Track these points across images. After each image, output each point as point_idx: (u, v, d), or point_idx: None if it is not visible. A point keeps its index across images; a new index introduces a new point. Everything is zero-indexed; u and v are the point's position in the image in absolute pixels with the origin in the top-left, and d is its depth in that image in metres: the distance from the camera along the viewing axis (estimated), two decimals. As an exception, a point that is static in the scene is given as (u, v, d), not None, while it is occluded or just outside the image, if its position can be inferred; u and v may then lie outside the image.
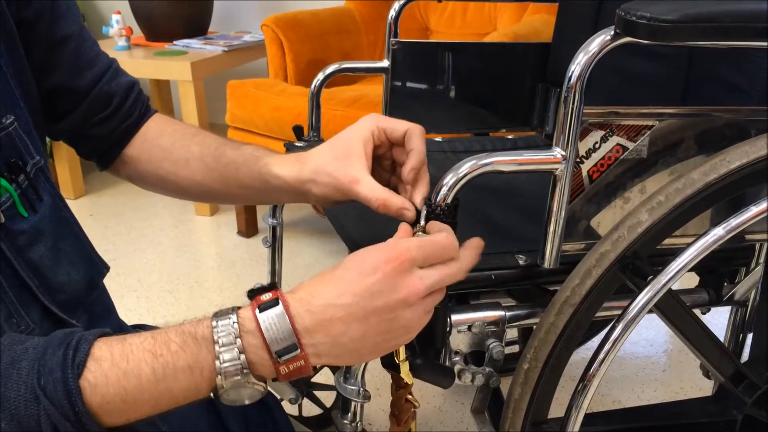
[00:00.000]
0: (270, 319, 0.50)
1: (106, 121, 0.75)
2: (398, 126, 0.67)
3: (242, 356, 0.49)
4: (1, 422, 0.46)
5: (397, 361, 0.63)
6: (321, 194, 0.68)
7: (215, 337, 0.49)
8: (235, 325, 0.50)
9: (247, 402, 0.52)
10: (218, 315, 0.51)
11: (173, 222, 2.44)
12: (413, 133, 0.66)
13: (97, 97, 0.73)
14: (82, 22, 0.73)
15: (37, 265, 0.62)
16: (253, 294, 0.52)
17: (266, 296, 0.51)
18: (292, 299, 0.51)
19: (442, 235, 0.57)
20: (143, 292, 1.95)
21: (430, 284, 0.53)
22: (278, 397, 1.11)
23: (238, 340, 0.49)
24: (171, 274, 2.05)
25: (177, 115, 3.02)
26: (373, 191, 0.64)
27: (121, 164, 0.79)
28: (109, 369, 0.48)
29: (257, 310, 0.50)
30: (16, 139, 0.61)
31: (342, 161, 0.66)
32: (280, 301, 0.50)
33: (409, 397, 0.67)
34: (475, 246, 0.60)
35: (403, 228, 0.61)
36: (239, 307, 0.52)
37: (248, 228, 2.29)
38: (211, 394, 0.50)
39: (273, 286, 0.53)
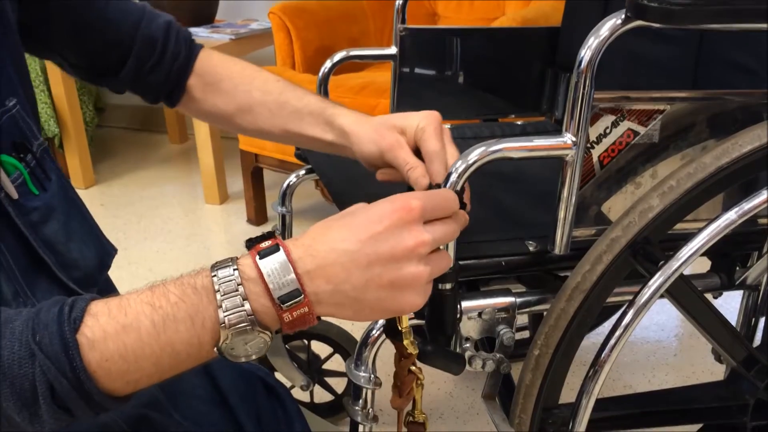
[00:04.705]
0: (271, 264, 0.47)
1: (157, 66, 0.78)
2: (410, 123, 0.72)
3: (246, 303, 0.47)
4: None
5: (401, 329, 0.62)
6: (366, 152, 0.74)
7: (216, 287, 0.47)
8: (236, 273, 0.47)
9: (253, 357, 0.49)
10: (217, 265, 0.48)
11: (183, 211, 2.44)
12: (424, 134, 0.71)
13: (142, 44, 0.77)
14: None
15: (52, 241, 0.63)
16: (251, 243, 0.50)
17: (266, 243, 0.49)
18: (293, 245, 0.49)
19: (445, 189, 0.58)
20: (150, 277, 1.96)
21: (436, 237, 0.51)
22: (289, 384, 1.12)
23: (240, 287, 0.47)
24: (181, 263, 2.06)
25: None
26: (408, 156, 0.70)
27: (187, 104, 0.83)
28: (107, 323, 0.45)
29: (257, 257, 0.48)
30: (19, 121, 0.63)
31: (394, 132, 0.73)
32: (280, 247, 0.48)
33: (413, 368, 0.63)
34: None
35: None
36: (238, 257, 0.49)
37: (258, 216, 2.29)
38: (215, 350, 0.48)
39: (271, 234, 0.51)
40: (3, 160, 0.59)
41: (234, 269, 0.47)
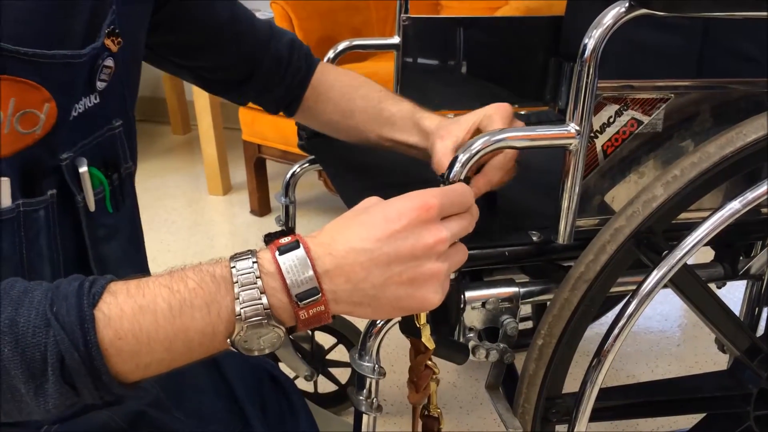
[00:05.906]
0: (290, 261, 0.48)
1: (282, 80, 0.86)
2: (479, 114, 0.76)
3: (263, 297, 0.47)
4: (4, 348, 0.43)
5: (418, 325, 0.61)
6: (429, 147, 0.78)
7: (234, 278, 0.47)
8: (255, 266, 0.47)
9: (266, 351, 0.49)
10: (236, 256, 0.49)
11: (186, 201, 2.45)
12: (491, 120, 0.74)
13: (270, 61, 0.84)
14: None
15: (106, 260, 0.65)
16: (270, 238, 0.50)
17: (285, 239, 0.49)
18: (312, 243, 0.49)
19: (460, 183, 0.60)
20: (158, 270, 1.97)
21: (454, 233, 0.52)
22: (293, 374, 1.12)
23: (258, 280, 0.47)
24: (185, 253, 2.06)
25: (188, 98, 3.02)
26: (443, 150, 0.74)
27: (301, 113, 0.90)
28: (125, 301, 0.46)
29: (277, 252, 0.48)
30: (117, 142, 0.65)
31: (454, 122, 0.77)
32: (300, 244, 0.48)
33: (429, 363, 0.64)
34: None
35: None
36: (257, 250, 0.49)
37: (261, 207, 2.30)
38: (228, 342, 0.48)
39: (291, 230, 0.51)
40: (92, 173, 0.61)
41: (253, 262, 0.48)
